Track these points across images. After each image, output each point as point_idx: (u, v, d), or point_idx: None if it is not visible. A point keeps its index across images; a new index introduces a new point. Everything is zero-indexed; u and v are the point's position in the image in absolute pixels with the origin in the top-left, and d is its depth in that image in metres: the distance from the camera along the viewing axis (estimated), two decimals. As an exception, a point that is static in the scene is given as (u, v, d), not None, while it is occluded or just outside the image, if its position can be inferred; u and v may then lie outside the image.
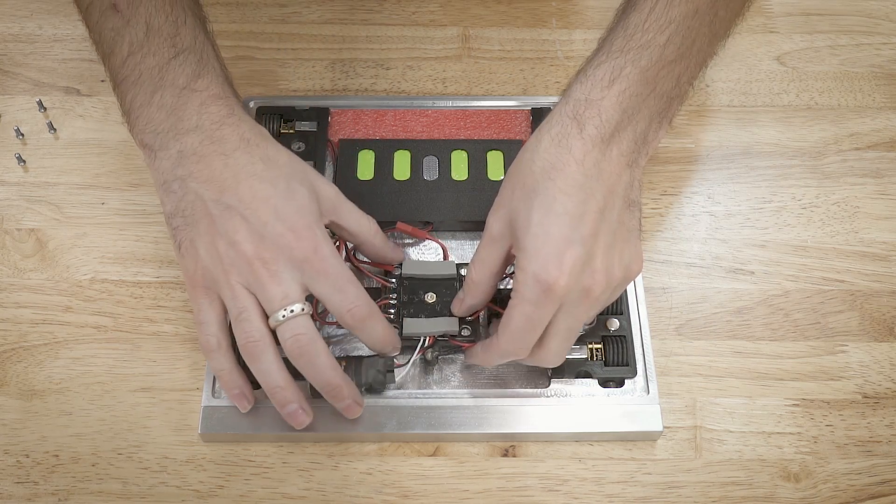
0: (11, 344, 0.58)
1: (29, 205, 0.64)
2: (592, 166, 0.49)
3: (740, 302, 0.61)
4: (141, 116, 0.53)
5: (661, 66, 0.51)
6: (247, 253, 0.50)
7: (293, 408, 0.52)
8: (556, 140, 0.50)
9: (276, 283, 0.50)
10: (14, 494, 0.53)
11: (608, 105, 0.50)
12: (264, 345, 0.51)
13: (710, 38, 0.54)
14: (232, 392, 0.53)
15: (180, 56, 0.53)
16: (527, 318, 0.49)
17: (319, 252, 0.51)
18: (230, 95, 0.54)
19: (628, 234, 0.51)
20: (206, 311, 0.52)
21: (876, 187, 0.67)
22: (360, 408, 0.53)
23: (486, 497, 0.54)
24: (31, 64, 0.71)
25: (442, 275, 0.57)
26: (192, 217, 0.52)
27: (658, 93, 0.52)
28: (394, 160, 0.63)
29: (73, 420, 0.56)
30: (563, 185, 0.48)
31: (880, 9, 0.77)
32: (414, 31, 0.75)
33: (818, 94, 0.72)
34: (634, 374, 0.56)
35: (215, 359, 0.53)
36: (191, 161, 0.51)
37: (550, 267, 0.47)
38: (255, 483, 0.54)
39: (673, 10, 0.52)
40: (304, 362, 0.51)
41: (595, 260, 0.49)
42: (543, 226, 0.48)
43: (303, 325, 0.50)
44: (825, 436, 0.56)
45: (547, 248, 0.48)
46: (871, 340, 0.60)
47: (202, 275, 0.52)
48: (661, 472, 0.55)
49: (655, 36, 0.51)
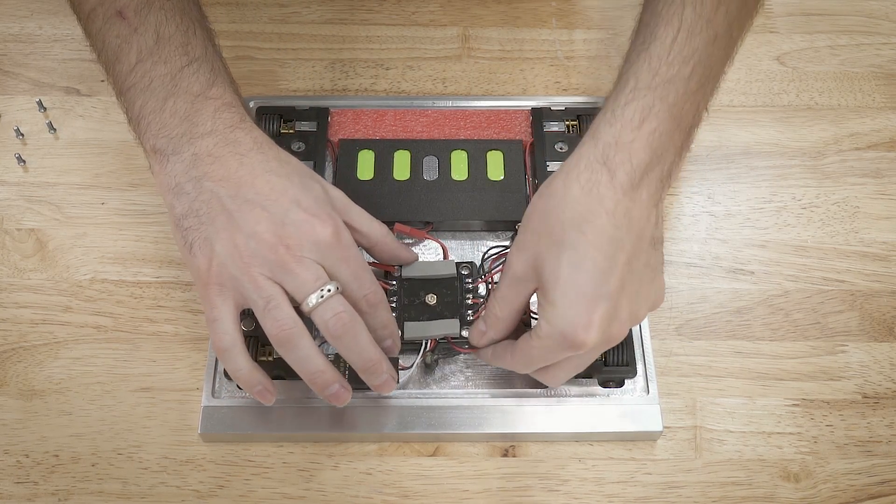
0: (11, 344, 0.58)
1: (29, 205, 0.64)
2: (623, 216, 0.48)
3: (740, 302, 0.61)
4: (153, 122, 0.53)
5: (686, 100, 0.51)
6: (269, 241, 0.50)
7: (336, 388, 0.51)
8: (587, 189, 0.49)
9: (304, 266, 0.50)
10: (14, 494, 0.53)
11: (638, 147, 0.49)
12: (300, 331, 0.50)
13: (724, 61, 0.54)
14: (254, 389, 0.51)
15: (193, 64, 0.53)
16: (544, 358, 0.50)
17: (342, 238, 0.51)
18: (240, 105, 0.55)
19: (653, 274, 0.51)
20: (219, 308, 0.51)
21: (876, 187, 0.67)
22: (396, 384, 0.53)
23: (486, 497, 0.54)
24: (31, 64, 0.71)
25: (442, 275, 0.57)
26: (208, 215, 0.51)
27: (683, 127, 0.51)
28: (394, 160, 0.63)
29: (73, 420, 0.56)
30: (593, 239, 0.48)
31: (880, 9, 0.77)
32: (414, 31, 0.75)
33: (818, 94, 0.72)
34: (634, 373, 0.56)
35: (231, 358, 0.51)
36: (205, 162, 0.51)
37: (579, 328, 0.47)
38: (255, 483, 0.54)
39: (695, 40, 0.51)
40: (349, 340, 0.50)
41: (621, 312, 0.49)
42: (572, 282, 0.48)
43: (342, 304, 0.50)
44: (825, 436, 0.56)
45: (576, 307, 0.47)
46: (871, 340, 0.60)
47: (217, 272, 0.51)
48: (661, 472, 0.55)
49: (681, 69, 0.51)
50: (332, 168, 0.64)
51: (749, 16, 0.56)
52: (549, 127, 0.66)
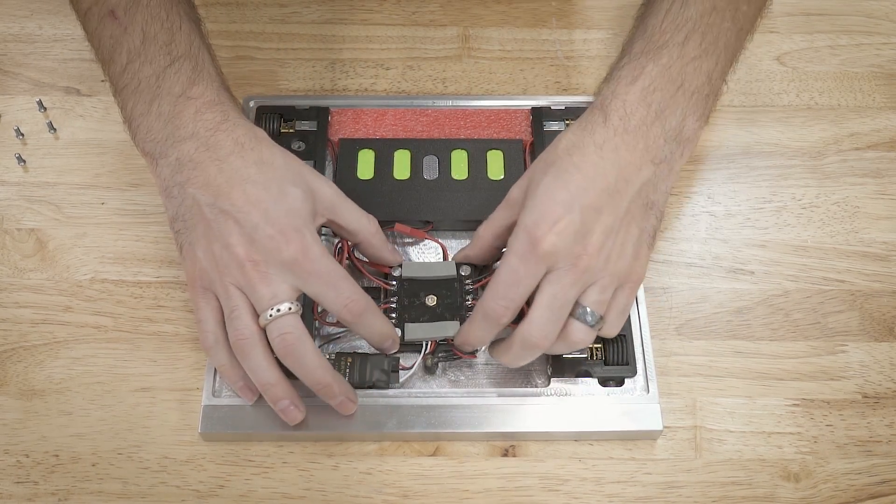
0: (11, 344, 0.58)
1: (29, 205, 0.64)
2: (611, 151, 0.51)
3: (740, 302, 0.61)
4: (141, 126, 0.54)
5: (684, 63, 0.53)
6: (239, 255, 0.51)
7: (285, 404, 0.53)
8: (582, 126, 0.53)
9: (266, 283, 0.51)
10: (14, 494, 0.53)
11: (632, 99, 0.53)
12: (253, 342, 0.51)
13: (735, 33, 0.56)
14: (236, 385, 0.54)
15: (175, 64, 0.54)
16: (511, 272, 0.50)
17: (309, 253, 0.51)
18: (225, 101, 0.55)
19: (637, 232, 0.52)
20: (203, 309, 0.53)
21: (876, 187, 0.67)
22: (354, 405, 0.54)
23: (486, 497, 0.54)
24: (31, 64, 0.71)
25: (442, 276, 0.57)
26: (191, 221, 0.53)
27: (687, 89, 0.53)
28: (394, 160, 0.63)
29: (73, 420, 0.56)
30: (577, 161, 0.51)
31: (880, 9, 0.77)
32: (414, 31, 0.75)
33: (818, 94, 0.72)
34: (634, 373, 0.56)
35: (214, 354, 0.53)
36: (187, 168, 0.53)
37: (542, 223, 0.49)
38: (255, 483, 0.54)
39: (688, 10, 0.54)
40: (292, 361, 0.51)
41: (591, 235, 0.50)
42: (549, 189, 0.50)
43: (290, 325, 0.51)
44: (825, 436, 0.56)
45: (544, 206, 0.50)
46: (871, 340, 0.60)
47: (200, 276, 0.53)
48: (661, 471, 0.55)
49: (673, 35, 0.54)
50: (333, 167, 0.64)
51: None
52: (549, 127, 0.66)
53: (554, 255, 0.49)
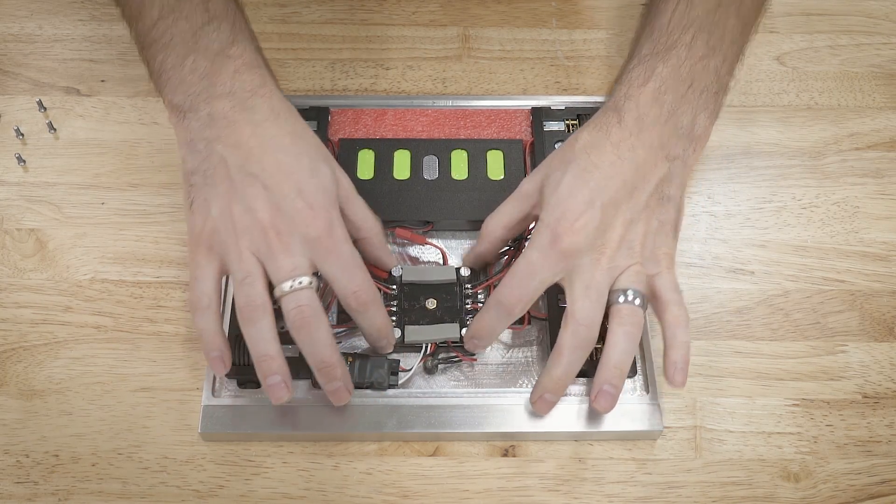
0: (11, 344, 0.58)
1: (29, 205, 0.64)
2: (627, 150, 0.53)
3: (740, 302, 0.61)
4: (172, 78, 0.54)
5: (692, 63, 0.55)
6: (263, 221, 0.50)
7: (276, 380, 0.51)
8: (597, 126, 0.54)
9: (288, 254, 0.50)
10: (14, 494, 0.53)
11: (645, 101, 0.54)
12: (263, 311, 0.50)
13: (741, 28, 0.57)
14: (211, 354, 0.52)
15: (214, 22, 0.54)
16: (529, 263, 0.51)
17: (334, 233, 0.51)
18: (262, 66, 0.55)
19: (657, 224, 0.53)
20: (203, 268, 0.52)
21: (876, 187, 0.67)
22: (349, 395, 0.53)
23: (486, 497, 0.54)
24: (31, 64, 0.71)
25: (442, 280, 0.57)
26: (213, 178, 0.52)
27: (697, 88, 0.55)
28: (394, 160, 0.63)
29: (73, 420, 0.56)
30: (595, 159, 0.53)
31: (880, 9, 0.77)
32: (414, 31, 0.75)
33: (818, 94, 0.71)
34: (634, 373, 0.56)
35: (202, 317, 0.52)
36: (220, 125, 0.52)
37: (564, 221, 0.51)
38: (255, 483, 0.54)
39: (694, 10, 0.56)
40: (304, 334, 0.51)
41: (612, 230, 0.52)
42: (570, 187, 0.52)
43: (308, 298, 0.50)
44: (825, 436, 0.56)
45: (566, 204, 0.52)
46: (871, 340, 0.60)
47: (209, 234, 0.52)
48: (661, 472, 0.55)
49: (681, 36, 0.55)
50: (332, 168, 0.64)
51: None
52: (549, 126, 0.66)
53: (576, 252, 0.51)
